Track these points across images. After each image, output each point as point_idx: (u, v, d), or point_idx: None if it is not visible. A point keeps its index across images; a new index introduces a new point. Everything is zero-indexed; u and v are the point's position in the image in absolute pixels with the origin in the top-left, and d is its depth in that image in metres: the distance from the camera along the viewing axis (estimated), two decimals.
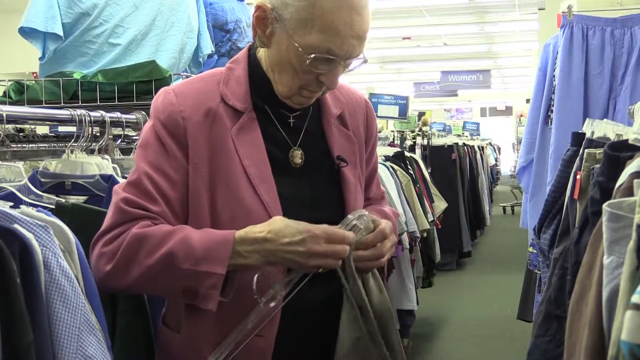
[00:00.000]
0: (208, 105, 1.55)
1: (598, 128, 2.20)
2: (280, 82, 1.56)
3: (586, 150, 1.93)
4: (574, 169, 2.11)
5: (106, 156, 2.14)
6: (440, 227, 5.79)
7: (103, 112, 2.14)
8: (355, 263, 1.53)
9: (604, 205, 1.12)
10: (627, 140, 1.53)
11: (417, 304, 4.80)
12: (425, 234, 4.98)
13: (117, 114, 2.21)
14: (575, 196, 1.94)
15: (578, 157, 2.09)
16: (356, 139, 1.69)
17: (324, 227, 1.46)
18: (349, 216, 1.53)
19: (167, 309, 1.68)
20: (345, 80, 1.70)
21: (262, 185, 1.53)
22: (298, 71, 1.51)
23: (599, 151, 1.85)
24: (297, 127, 1.63)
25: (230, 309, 1.49)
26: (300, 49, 1.46)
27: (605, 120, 2.34)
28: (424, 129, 8.37)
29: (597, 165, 1.76)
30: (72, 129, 2.05)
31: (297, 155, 1.61)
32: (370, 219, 1.55)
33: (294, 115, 1.62)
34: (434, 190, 5.81)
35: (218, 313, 1.49)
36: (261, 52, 1.60)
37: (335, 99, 1.69)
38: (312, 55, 1.46)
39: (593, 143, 2.05)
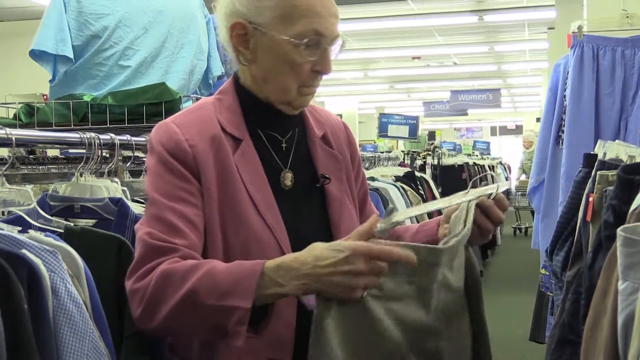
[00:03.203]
0: (211, 133, 1.55)
1: (610, 149, 2.18)
2: (278, 88, 1.57)
3: (598, 172, 1.91)
4: (586, 191, 2.09)
5: (115, 179, 2.14)
6: None
7: (113, 135, 2.13)
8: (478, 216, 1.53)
9: (618, 230, 1.10)
10: None
11: None
12: None
13: (126, 137, 2.21)
14: (588, 218, 1.92)
15: (590, 179, 2.07)
16: (342, 157, 1.72)
17: (363, 243, 1.35)
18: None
19: (174, 337, 1.61)
20: (355, 99, 1.70)
21: (268, 212, 1.53)
22: (294, 66, 1.53)
23: (611, 173, 1.84)
24: (287, 149, 1.65)
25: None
26: (292, 40, 1.50)
27: (617, 141, 2.32)
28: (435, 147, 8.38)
29: (610, 188, 1.75)
30: (83, 151, 2.05)
31: (288, 178, 1.62)
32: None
33: (286, 139, 1.64)
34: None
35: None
36: (247, 77, 1.61)
37: (317, 121, 1.73)
38: (305, 41, 1.51)
39: (605, 165, 2.04)
